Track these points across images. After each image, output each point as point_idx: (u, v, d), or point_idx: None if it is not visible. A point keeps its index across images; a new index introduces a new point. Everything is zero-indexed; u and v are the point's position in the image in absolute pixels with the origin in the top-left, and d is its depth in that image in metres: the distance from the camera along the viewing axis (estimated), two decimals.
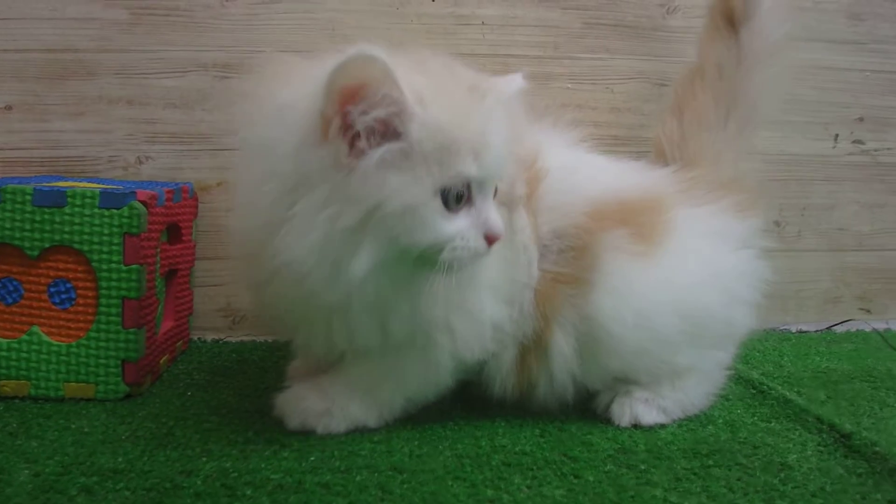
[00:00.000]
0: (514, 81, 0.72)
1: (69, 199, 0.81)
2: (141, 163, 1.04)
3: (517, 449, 0.73)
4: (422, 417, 0.77)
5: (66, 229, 0.82)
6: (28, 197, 0.81)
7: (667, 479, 0.67)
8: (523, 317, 0.75)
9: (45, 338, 0.82)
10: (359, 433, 0.75)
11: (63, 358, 0.82)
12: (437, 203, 0.64)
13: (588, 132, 0.84)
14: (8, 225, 0.81)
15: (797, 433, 0.78)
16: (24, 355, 0.82)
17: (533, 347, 0.77)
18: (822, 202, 1.18)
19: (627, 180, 0.82)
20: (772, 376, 0.95)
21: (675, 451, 0.73)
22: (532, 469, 0.69)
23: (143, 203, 0.83)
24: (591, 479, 0.67)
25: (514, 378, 0.78)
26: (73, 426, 0.75)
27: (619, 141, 1.03)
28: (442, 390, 0.77)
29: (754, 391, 0.90)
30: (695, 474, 0.68)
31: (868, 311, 1.21)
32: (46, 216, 0.81)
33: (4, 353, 0.82)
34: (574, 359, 0.77)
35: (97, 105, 1.03)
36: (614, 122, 1.10)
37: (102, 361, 0.82)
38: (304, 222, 0.63)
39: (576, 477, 0.67)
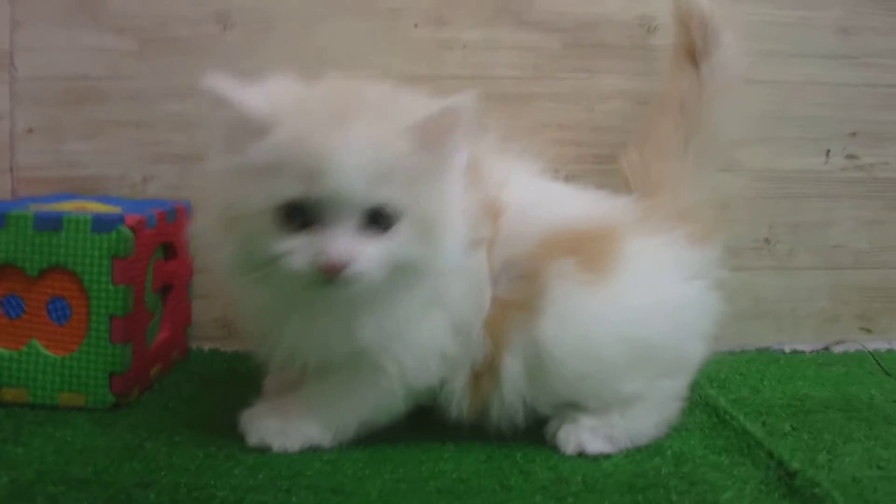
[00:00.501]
0: (442, 104, 0.70)
1: (64, 224, 0.89)
2: (147, 181, 1.12)
3: (455, 475, 0.75)
4: (375, 439, 0.81)
5: (62, 252, 0.89)
6: (29, 222, 0.89)
7: None
8: (471, 344, 0.78)
9: (43, 350, 0.90)
10: (312, 452, 0.79)
11: (58, 369, 0.90)
12: (271, 219, 0.68)
13: (566, 153, 0.86)
14: (11, 247, 0.89)
15: (743, 469, 0.77)
16: (24, 365, 0.90)
17: (485, 371, 0.79)
18: (817, 219, 1.15)
19: (583, 210, 0.83)
20: (742, 403, 0.94)
21: (611, 484, 0.74)
22: (462, 497, 0.70)
23: (131, 227, 0.90)
24: None
25: (469, 400, 0.81)
26: (59, 435, 0.82)
27: (601, 160, 1.03)
28: (395, 415, 0.81)
29: (716, 420, 0.89)
30: None
31: (869, 330, 1.18)
32: (45, 239, 0.89)
33: (6, 363, 0.90)
34: (524, 382, 0.79)
35: (108, 128, 1.11)
36: (596, 141, 1.10)
37: (92, 373, 0.89)
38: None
39: None
